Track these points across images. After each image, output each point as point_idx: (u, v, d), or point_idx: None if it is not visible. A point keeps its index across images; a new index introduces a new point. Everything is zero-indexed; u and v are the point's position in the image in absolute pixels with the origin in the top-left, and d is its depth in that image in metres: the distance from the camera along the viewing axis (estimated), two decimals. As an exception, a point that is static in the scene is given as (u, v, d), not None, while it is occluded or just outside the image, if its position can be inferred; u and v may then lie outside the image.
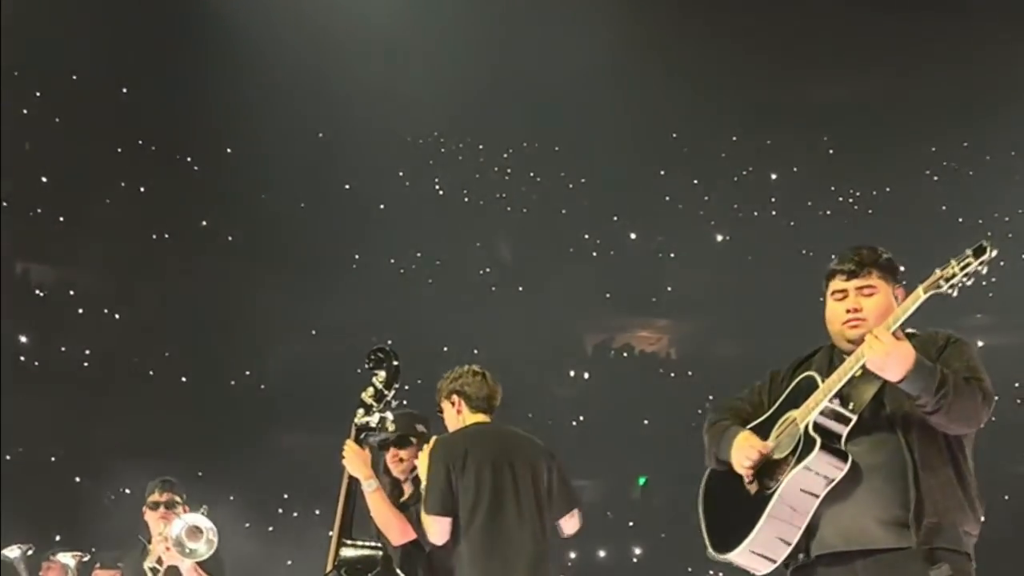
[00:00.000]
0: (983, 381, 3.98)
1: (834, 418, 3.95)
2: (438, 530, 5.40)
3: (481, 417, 5.62)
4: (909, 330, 4.04)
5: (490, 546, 5.41)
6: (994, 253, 3.83)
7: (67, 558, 8.09)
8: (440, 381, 5.69)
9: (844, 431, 3.94)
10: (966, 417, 3.94)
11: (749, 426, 4.18)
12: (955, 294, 3.87)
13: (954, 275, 3.85)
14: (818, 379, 4.04)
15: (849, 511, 3.94)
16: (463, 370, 5.69)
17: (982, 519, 4.08)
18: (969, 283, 3.85)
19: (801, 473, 3.91)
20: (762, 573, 4.03)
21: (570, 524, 5.83)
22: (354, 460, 5.56)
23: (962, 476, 4.01)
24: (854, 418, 3.96)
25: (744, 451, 4.06)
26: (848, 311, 4.11)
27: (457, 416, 5.63)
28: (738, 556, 3.98)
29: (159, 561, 6.77)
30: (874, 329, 3.88)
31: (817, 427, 3.94)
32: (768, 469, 4.02)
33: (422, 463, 5.51)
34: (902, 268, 4.23)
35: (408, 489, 5.84)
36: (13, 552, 8.06)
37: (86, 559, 8.11)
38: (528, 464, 5.57)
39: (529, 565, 5.46)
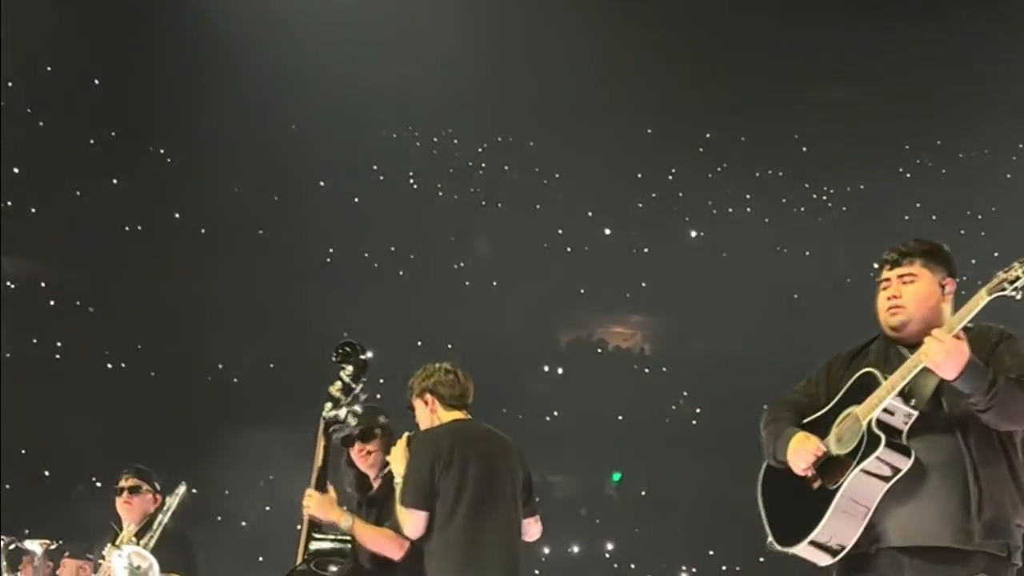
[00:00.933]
0: None
1: (896, 415, 4.05)
2: (414, 524, 5.30)
3: (457, 414, 5.55)
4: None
5: (468, 545, 5.32)
6: None
7: (34, 545, 8.03)
8: (412, 379, 5.61)
9: (906, 428, 4.05)
10: (1015, 415, 4.03)
11: (807, 420, 4.30)
12: (1019, 296, 3.94)
13: (1018, 277, 3.92)
14: (879, 376, 4.13)
15: (909, 507, 4.05)
16: (435, 368, 5.63)
17: None
18: None
19: (865, 469, 4.01)
20: (824, 564, 4.15)
21: (534, 529, 5.80)
22: (320, 508, 5.51)
23: (1014, 471, 4.10)
24: (915, 414, 4.06)
25: (800, 454, 4.17)
26: (889, 299, 4.26)
27: (431, 415, 5.55)
28: (802, 549, 4.11)
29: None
30: (935, 331, 3.97)
31: (880, 424, 4.04)
32: (830, 465, 4.12)
33: (397, 456, 5.42)
34: (953, 262, 4.34)
35: (377, 483, 5.80)
36: (34, 545, 8.03)
37: (53, 547, 8.06)
38: (508, 464, 5.54)
39: (506, 567, 5.41)
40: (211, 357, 18.41)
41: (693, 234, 22.61)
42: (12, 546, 8.07)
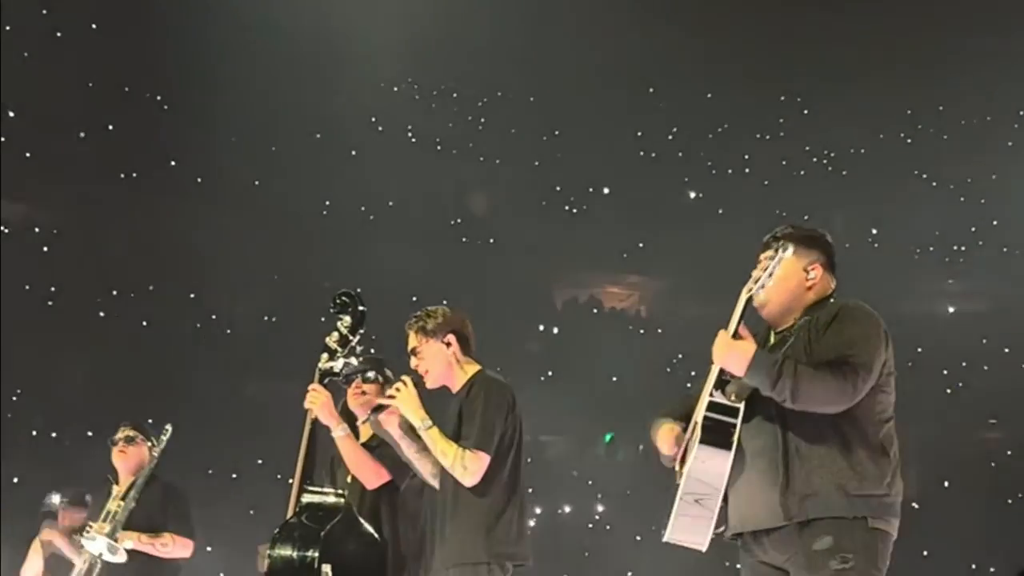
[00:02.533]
0: (852, 359, 4.13)
1: (720, 410, 4.21)
2: (479, 467, 5.10)
3: (478, 365, 5.41)
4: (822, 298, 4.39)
5: (514, 498, 5.21)
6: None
7: (55, 499, 8.14)
8: (420, 319, 5.35)
9: (735, 420, 4.19)
10: (817, 402, 4.13)
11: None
12: (762, 295, 4.25)
13: (758, 278, 4.19)
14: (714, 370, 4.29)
15: (740, 494, 4.26)
16: (453, 311, 5.46)
17: (898, 481, 4.23)
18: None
19: (692, 463, 4.17)
20: (699, 547, 4.29)
21: None
22: (321, 406, 5.49)
23: (849, 447, 4.17)
24: (740, 406, 4.21)
25: (660, 444, 4.47)
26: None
27: (450, 360, 5.33)
28: (669, 537, 4.30)
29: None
30: (720, 332, 4.20)
31: (708, 419, 4.21)
32: (685, 456, 4.31)
33: (407, 398, 5.16)
34: (815, 238, 4.49)
35: (366, 432, 5.77)
36: (53, 499, 8.07)
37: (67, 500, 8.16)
38: None
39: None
40: (206, 307, 18.34)
41: (692, 195, 22.54)
42: (65, 500, 8.14)
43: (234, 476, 14.24)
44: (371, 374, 5.79)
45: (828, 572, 4.09)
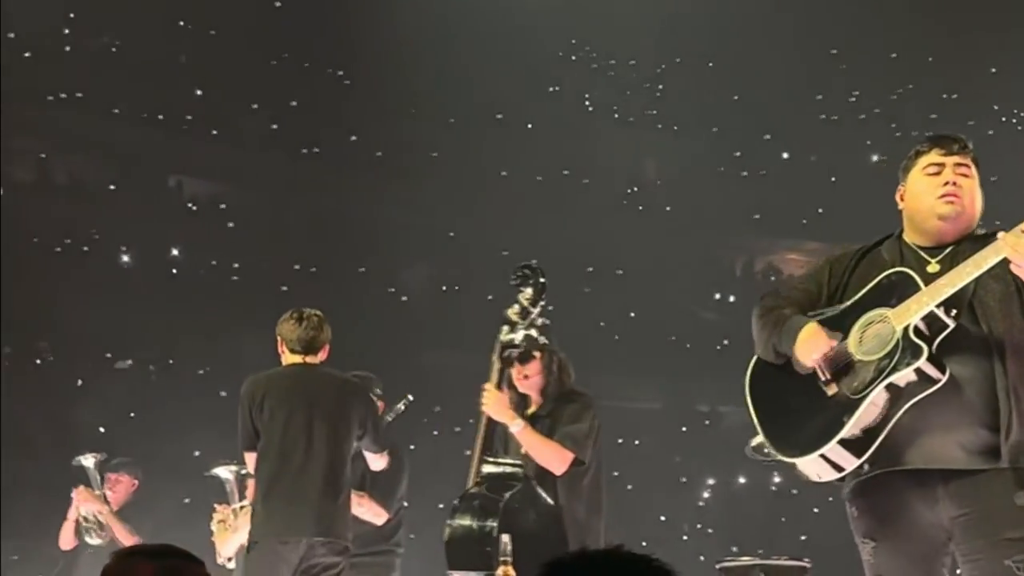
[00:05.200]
0: None
1: (933, 324, 3.67)
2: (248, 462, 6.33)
3: (296, 359, 6.29)
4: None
5: (273, 481, 6.22)
6: None
7: (88, 460, 8.30)
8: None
9: (939, 338, 3.67)
10: None
11: (818, 317, 3.90)
12: None
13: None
14: (916, 279, 3.76)
15: (932, 427, 3.68)
16: (288, 313, 6.49)
17: None
18: None
19: (895, 380, 3.64)
20: (827, 480, 3.81)
21: (378, 463, 6.64)
22: (495, 406, 5.54)
23: None
24: (952, 325, 3.68)
25: (811, 346, 3.79)
26: (946, 184, 3.92)
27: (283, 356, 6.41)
28: (809, 461, 3.76)
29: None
30: (1014, 229, 3.61)
31: (917, 332, 3.66)
32: (848, 370, 3.75)
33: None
34: None
35: (536, 400, 5.79)
36: (88, 460, 8.28)
37: (102, 459, 8.34)
38: (327, 406, 6.23)
39: (314, 500, 6.20)
40: (384, 280, 18.63)
41: (875, 158, 21.99)
42: (102, 459, 8.33)
43: (412, 447, 14.39)
44: (531, 353, 5.73)
45: None
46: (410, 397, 7.25)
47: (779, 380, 3.93)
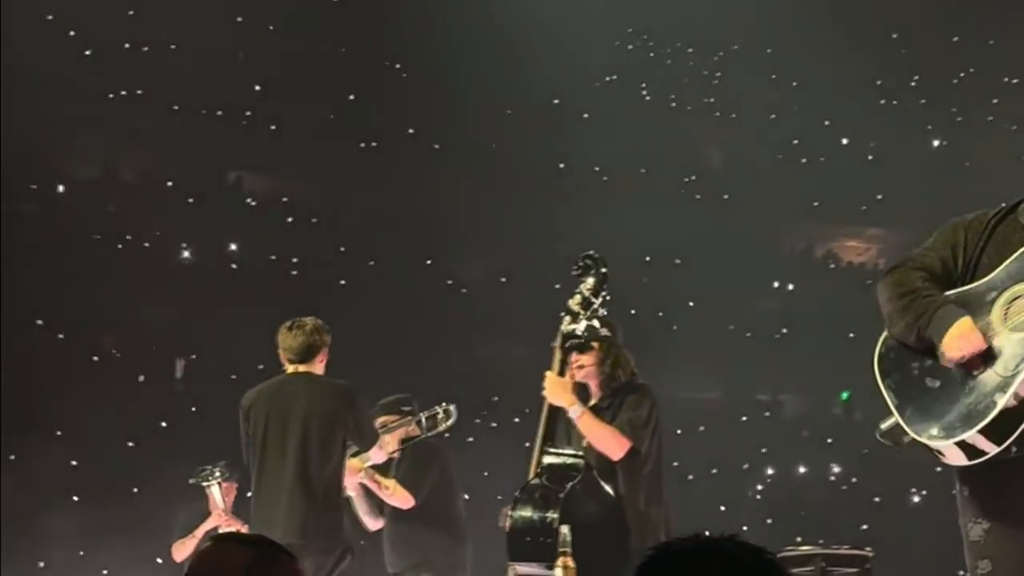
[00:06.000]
0: None
1: None
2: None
3: (288, 368, 6.55)
4: None
5: (257, 487, 6.56)
6: None
7: (214, 486, 8.30)
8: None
9: None
10: None
11: (958, 293, 3.78)
12: None
13: None
14: None
15: None
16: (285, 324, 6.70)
17: None
18: None
19: None
20: (958, 464, 3.70)
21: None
22: (555, 391, 5.54)
23: None
24: None
25: (963, 343, 3.63)
26: None
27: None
28: (951, 445, 3.64)
29: None
30: None
31: None
32: (993, 349, 3.63)
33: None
34: None
35: (596, 393, 5.78)
36: (213, 486, 8.29)
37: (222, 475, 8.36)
38: (305, 412, 6.40)
39: (288, 508, 6.44)
40: (442, 272, 18.68)
41: (935, 143, 21.76)
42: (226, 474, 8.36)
43: (469, 440, 14.44)
44: (589, 343, 5.70)
45: None
46: (452, 409, 7.19)
47: (914, 359, 3.78)
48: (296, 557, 3.04)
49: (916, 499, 16.53)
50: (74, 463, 12.99)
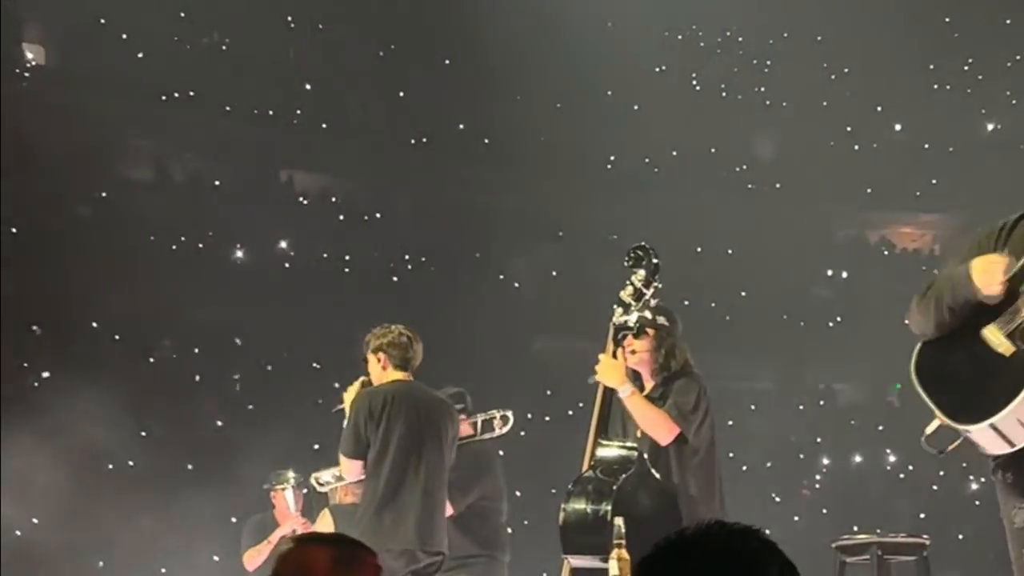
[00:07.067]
0: None
1: None
2: (348, 469, 6.37)
3: (400, 375, 6.36)
4: None
5: (389, 492, 6.23)
6: None
7: (289, 493, 8.34)
8: (369, 335, 6.42)
9: None
10: None
11: None
12: None
13: None
14: None
15: None
16: (390, 329, 6.42)
17: None
18: None
19: None
20: (995, 453, 3.63)
21: None
22: (607, 371, 5.50)
23: None
24: None
25: (990, 270, 3.61)
26: None
27: (382, 371, 6.37)
28: (982, 429, 3.56)
29: None
30: None
31: None
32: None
33: (349, 395, 6.37)
34: None
35: (648, 381, 5.73)
36: (289, 493, 8.32)
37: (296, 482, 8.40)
38: (436, 422, 6.32)
39: (422, 513, 6.26)
40: (495, 267, 18.70)
41: (989, 127, 21.52)
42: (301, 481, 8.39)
43: (522, 433, 14.45)
44: (644, 328, 5.67)
45: None
46: (509, 415, 7.11)
47: (946, 356, 3.77)
48: (376, 553, 3.09)
49: (974, 487, 16.36)
50: (131, 463, 13.10)
